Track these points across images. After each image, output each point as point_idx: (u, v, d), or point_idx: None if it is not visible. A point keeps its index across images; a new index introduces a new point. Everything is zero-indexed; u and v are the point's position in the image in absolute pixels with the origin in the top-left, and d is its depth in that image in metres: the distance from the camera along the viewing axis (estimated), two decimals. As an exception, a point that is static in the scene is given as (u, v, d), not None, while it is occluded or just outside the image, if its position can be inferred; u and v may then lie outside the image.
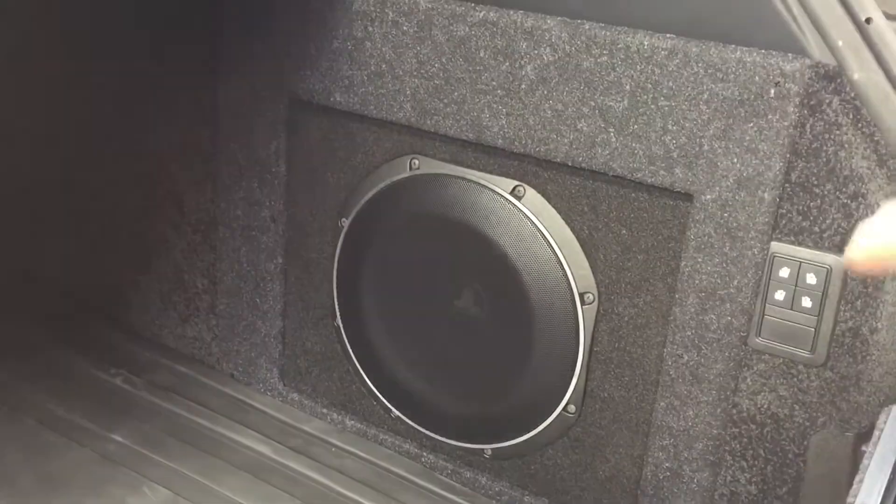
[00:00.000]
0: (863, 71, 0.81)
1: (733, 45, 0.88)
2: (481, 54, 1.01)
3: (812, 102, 0.84)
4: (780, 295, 0.90)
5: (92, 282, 1.51)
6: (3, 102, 1.49)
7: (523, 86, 0.99)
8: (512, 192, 1.05)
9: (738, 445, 0.97)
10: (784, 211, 0.88)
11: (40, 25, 1.35)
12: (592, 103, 0.95)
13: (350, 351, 1.24)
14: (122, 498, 1.12)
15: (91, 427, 1.24)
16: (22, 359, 1.38)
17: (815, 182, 0.86)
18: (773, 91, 0.85)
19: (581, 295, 1.03)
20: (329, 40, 1.11)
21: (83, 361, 1.39)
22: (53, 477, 1.15)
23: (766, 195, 0.88)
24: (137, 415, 1.28)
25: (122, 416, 1.27)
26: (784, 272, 0.90)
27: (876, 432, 0.76)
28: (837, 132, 0.84)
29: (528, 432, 1.11)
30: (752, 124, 0.87)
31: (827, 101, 0.84)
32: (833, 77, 0.83)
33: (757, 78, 0.86)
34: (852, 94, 0.82)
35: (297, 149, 1.21)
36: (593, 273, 1.03)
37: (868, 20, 0.81)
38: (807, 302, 0.89)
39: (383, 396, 1.23)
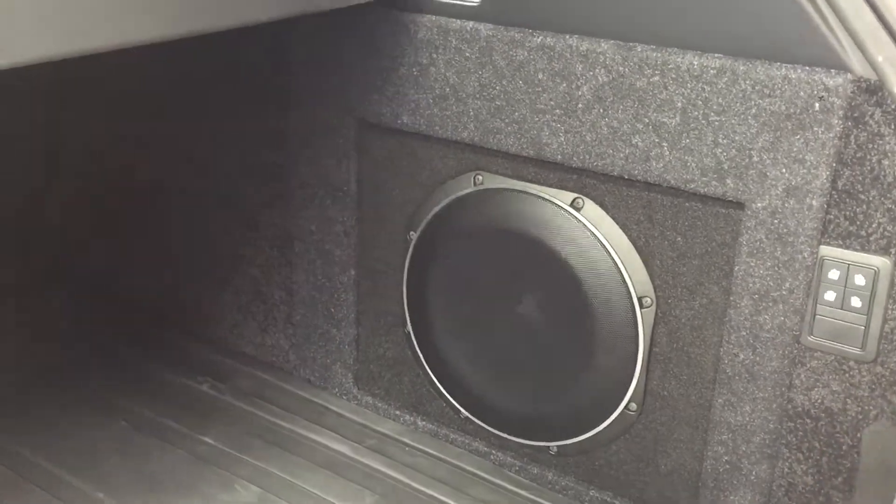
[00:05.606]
0: (903, 84, 0.86)
1: (778, 63, 0.93)
2: (540, 76, 1.08)
3: (855, 115, 0.90)
4: (830, 296, 0.96)
5: (177, 299, 1.61)
6: (86, 135, 1.61)
7: (580, 105, 1.06)
8: (571, 204, 1.12)
9: (794, 439, 1.02)
10: (832, 216, 0.94)
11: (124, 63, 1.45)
12: (646, 120, 1.02)
13: (420, 356, 1.32)
14: (216, 495, 1.21)
15: (183, 430, 1.34)
16: (115, 370, 1.49)
17: (861, 189, 0.91)
18: (817, 105, 0.91)
19: (640, 299, 1.10)
20: (396, 67, 1.20)
21: (171, 371, 1.49)
22: (150, 476, 1.25)
23: (814, 202, 0.94)
24: (224, 418, 1.38)
25: (211, 419, 1.37)
26: (833, 274, 0.95)
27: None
28: (880, 142, 0.89)
29: (592, 430, 1.18)
30: (798, 136, 0.93)
31: (869, 113, 0.89)
32: (874, 90, 0.89)
33: (802, 93, 0.92)
34: (893, 106, 0.88)
35: (367, 168, 1.30)
36: (651, 278, 1.09)
37: (907, 36, 0.86)
38: (856, 302, 0.94)
39: (453, 398, 1.31)
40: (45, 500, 1.18)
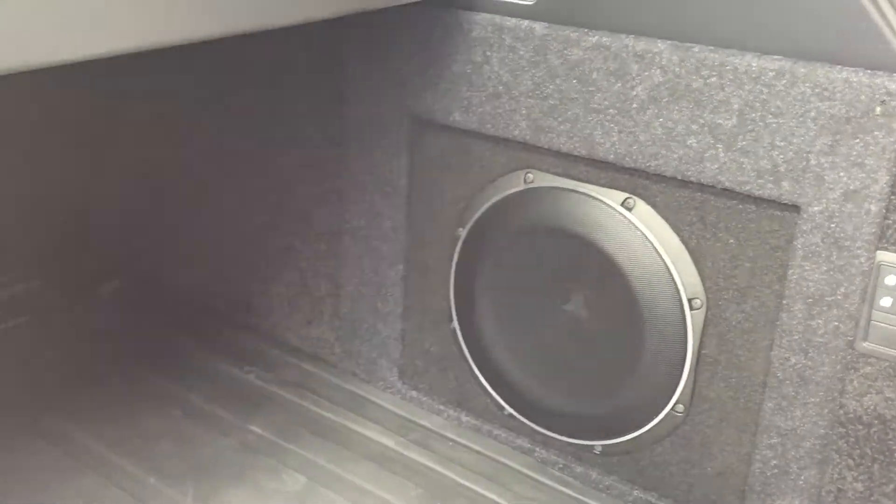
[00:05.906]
0: (968, 89, 0.85)
1: (839, 66, 0.93)
2: (594, 76, 1.08)
3: (918, 119, 0.89)
4: (886, 301, 0.95)
5: (225, 290, 1.64)
6: (138, 128, 1.64)
7: (634, 105, 1.06)
8: (622, 204, 1.12)
9: (844, 444, 1.01)
10: (890, 222, 0.93)
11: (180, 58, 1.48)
12: (702, 121, 1.02)
13: (465, 352, 1.33)
14: (264, 483, 1.24)
15: (231, 419, 1.37)
16: (167, 361, 1.51)
17: (921, 194, 0.91)
18: (878, 109, 0.90)
19: (689, 300, 1.09)
20: (449, 65, 1.20)
21: (220, 361, 1.51)
22: (201, 463, 1.27)
23: (872, 207, 0.93)
24: (271, 408, 1.40)
25: (258, 409, 1.39)
26: (890, 280, 0.94)
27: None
28: (943, 147, 0.88)
29: (638, 430, 1.18)
30: (858, 140, 0.92)
31: (933, 117, 0.88)
32: (939, 95, 0.88)
33: (863, 97, 0.91)
34: (958, 111, 0.87)
35: (418, 164, 1.31)
36: (701, 280, 1.09)
37: (973, 40, 0.85)
38: (913, 308, 0.93)
39: (497, 394, 1.31)
40: (99, 484, 1.21)
